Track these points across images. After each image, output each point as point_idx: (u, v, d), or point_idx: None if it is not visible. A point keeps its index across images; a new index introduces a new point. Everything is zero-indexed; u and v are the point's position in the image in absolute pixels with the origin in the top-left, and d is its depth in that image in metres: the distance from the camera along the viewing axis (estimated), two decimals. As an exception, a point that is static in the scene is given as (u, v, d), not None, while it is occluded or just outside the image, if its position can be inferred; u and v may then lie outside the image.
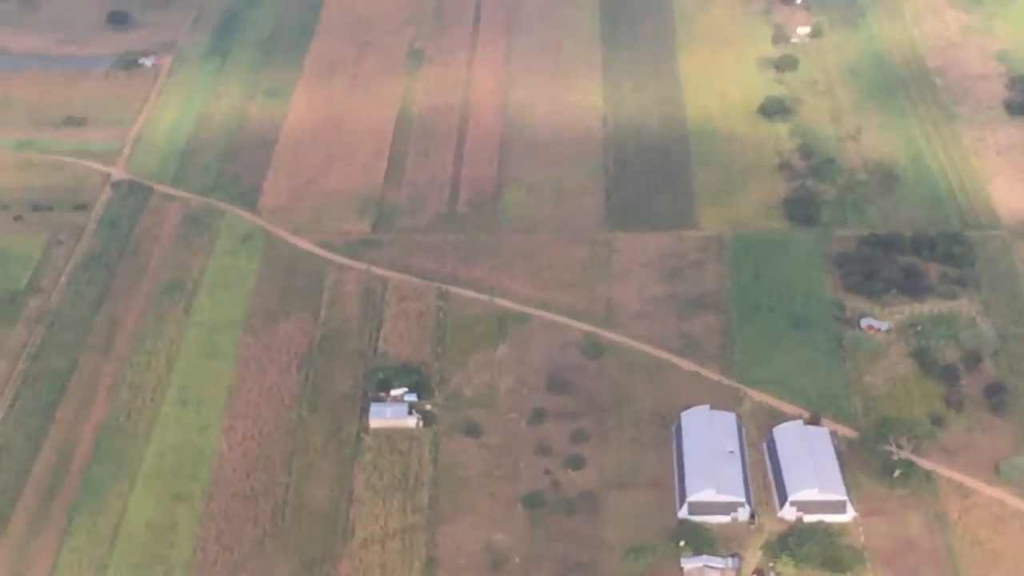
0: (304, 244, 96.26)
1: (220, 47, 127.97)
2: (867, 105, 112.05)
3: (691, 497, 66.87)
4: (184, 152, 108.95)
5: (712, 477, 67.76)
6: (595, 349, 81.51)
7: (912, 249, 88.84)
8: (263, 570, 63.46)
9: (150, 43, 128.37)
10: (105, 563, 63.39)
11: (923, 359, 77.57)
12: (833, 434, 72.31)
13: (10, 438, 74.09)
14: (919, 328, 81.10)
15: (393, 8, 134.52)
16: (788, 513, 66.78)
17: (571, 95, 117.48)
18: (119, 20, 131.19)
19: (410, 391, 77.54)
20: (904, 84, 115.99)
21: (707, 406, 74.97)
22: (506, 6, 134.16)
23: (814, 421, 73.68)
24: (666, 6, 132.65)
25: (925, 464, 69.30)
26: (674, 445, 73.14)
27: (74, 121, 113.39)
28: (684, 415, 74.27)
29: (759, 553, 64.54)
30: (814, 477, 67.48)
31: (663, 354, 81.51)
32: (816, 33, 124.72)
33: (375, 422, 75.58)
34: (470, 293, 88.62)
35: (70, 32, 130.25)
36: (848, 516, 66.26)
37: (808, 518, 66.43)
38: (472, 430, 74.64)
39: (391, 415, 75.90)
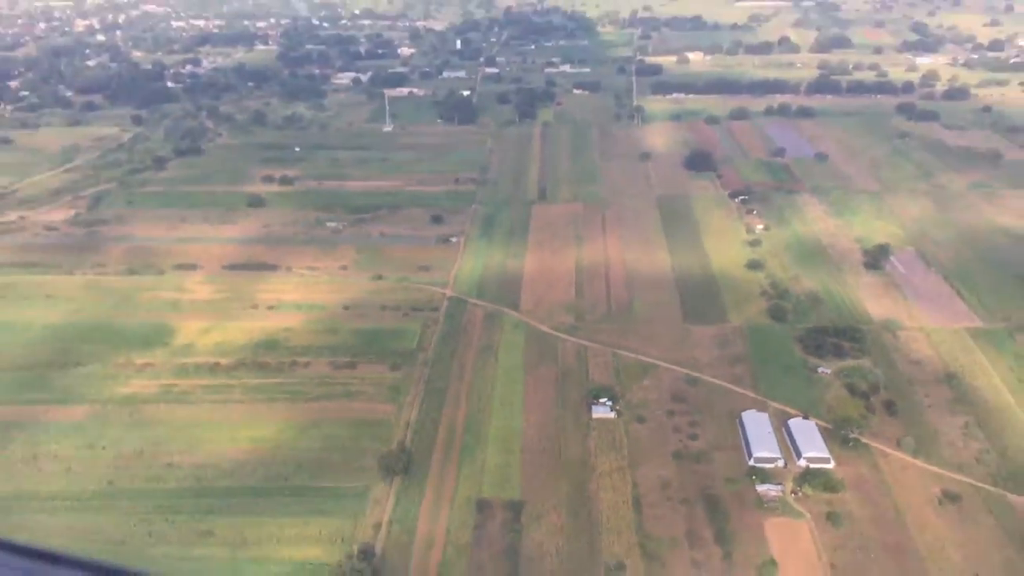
0: (544, 328, 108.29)
1: (487, 233, 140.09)
2: (799, 264, 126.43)
3: (755, 454, 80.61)
4: (479, 283, 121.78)
5: (763, 444, 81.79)
6: (692, 381, 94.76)
7: (835, 334, 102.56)
8: (554, 481, 79.10)
9: (453, 230, 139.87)
10: (480, 485, 79.28)
11: (850, 388, 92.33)
12: (816, 424, 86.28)
13: (423, 424, 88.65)
14: (845, 372, 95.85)
15: (565, 219, 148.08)
16: (802, 463, 79.65)
17: (654, 257, 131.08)
18: (437, 220, 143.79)
19: (608, 400, 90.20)
20: (814, 253, 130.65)
21: (753, 409, 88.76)
22: (616, 219, 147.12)
23: (805, 418, 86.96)
24: (692, 216, 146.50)
25: (864, 440, 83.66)
26: (740, 428, 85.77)
27: (424, 268, 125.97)
28: (743, 414, 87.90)
29: (791, 483, 78.17)
30: (813, 445, 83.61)
31: (726, 384, 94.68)
32: (767, 229, 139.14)
33: (595, 415, 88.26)
34: (626, 353, 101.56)
35: (416, 226, 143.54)
36: (831, 465, 79.06)
37: (812, 465, 79.01)
38: (640, 419, 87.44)
39: (602, 411, 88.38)
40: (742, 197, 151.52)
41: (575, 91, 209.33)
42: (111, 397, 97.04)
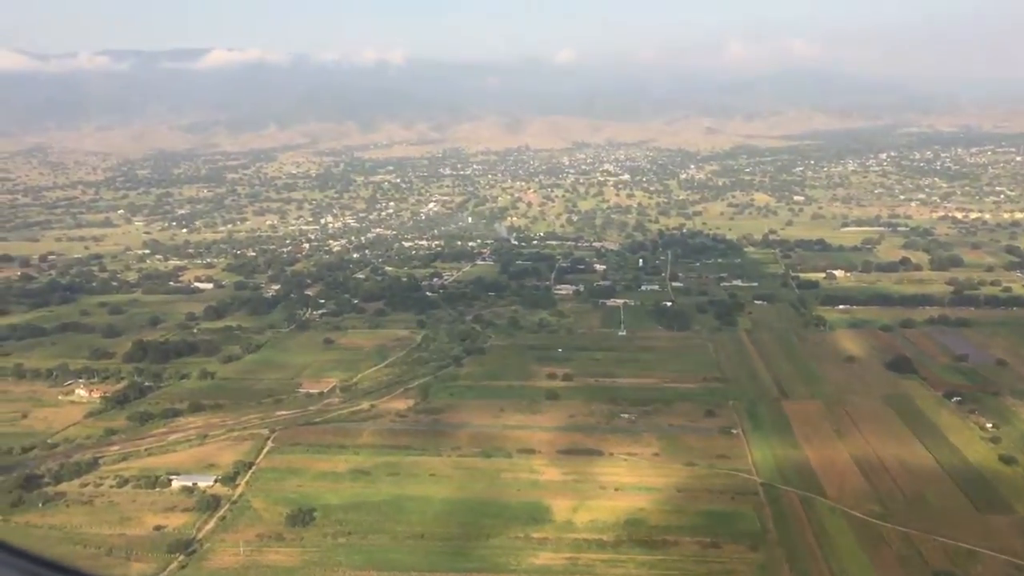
0: (858, 514, 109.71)
1: (757, 426, 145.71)
2: None
3: None
4: (778, 470, 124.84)
5: None
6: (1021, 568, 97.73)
7: None
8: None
9: (727, 423, 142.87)
10: None
11: None
12: None
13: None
14: None
15: (815, 414, 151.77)
16: None
17: (914, 451, 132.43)
18: (710, 413, 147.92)
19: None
20: None
21: None
22: (858, 415, 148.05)
23: None
24: (923, 415, 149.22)
25: None
26: None
27: (722, 456, 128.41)
28: None
29: None
30: None
31: None
32: (996, 427, 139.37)
33: None
34: (944, 540, 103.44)
35: (693, 418, 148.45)
36: None
37: None
38: None
39: None
40: (956, 398, 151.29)
41: (756, 302, 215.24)
42: (529, 568, 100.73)
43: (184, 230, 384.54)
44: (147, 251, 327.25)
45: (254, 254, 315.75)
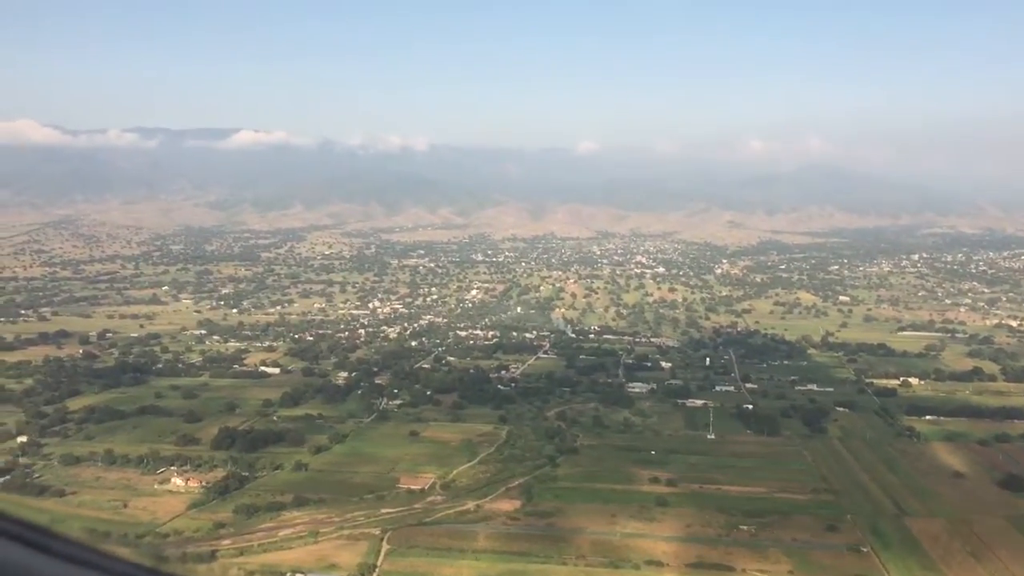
0: None
1: (885, 544, 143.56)
2: None
3: None
4: None
5: None
6: None
7: None
8: None
9: (852, 540, 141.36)
10: None
11: None
12: None
13: None
14: None
15: (943, 534, 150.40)
16: None
17: None
18: (832, 528, 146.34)
19: None
20: None
21: None
22: (988, 537, 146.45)
23: None
24: None
25: None
26: None
27: None
28: None
29: None
30: None
31: None
32: None
33: None
34: None
35: (815, 533, 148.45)
36: None
37: None
38: None
39: None
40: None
41: (837, 408, 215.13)
42: None
43: (234, 311, 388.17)
44: (203, 331, 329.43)
45: (312, 338, 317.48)
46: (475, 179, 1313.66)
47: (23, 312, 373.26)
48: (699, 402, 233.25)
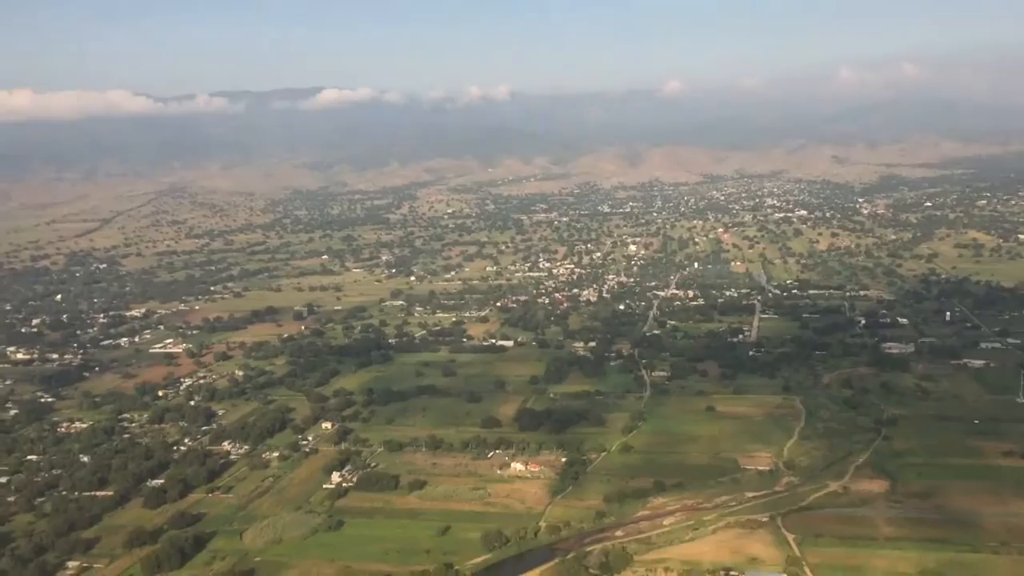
0: None
1: None
2: None
3: None
4: None
5: None
6: None
7: None
8: None
9: None
10: None
11: None
12: None
13: None
14: None
15: None
16: None
17: None
18: None
19: None
20: None
21: None
22: None
23: None
24: None
25: None
26: None
27: None
28: None
29: None
30: None
31: None
32: None
33: None
34: None
35: None
36: None
37: None
38: None
39: None
40: None
41: None
42: None
43: (412, 278, 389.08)
44: (400, 302, 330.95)
45: (514, 306, 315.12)
46: (561, 126, 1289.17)
47: (212, 288, 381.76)
48: (978, 362, 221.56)
